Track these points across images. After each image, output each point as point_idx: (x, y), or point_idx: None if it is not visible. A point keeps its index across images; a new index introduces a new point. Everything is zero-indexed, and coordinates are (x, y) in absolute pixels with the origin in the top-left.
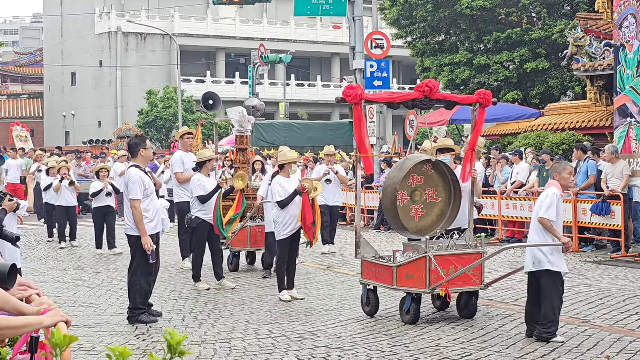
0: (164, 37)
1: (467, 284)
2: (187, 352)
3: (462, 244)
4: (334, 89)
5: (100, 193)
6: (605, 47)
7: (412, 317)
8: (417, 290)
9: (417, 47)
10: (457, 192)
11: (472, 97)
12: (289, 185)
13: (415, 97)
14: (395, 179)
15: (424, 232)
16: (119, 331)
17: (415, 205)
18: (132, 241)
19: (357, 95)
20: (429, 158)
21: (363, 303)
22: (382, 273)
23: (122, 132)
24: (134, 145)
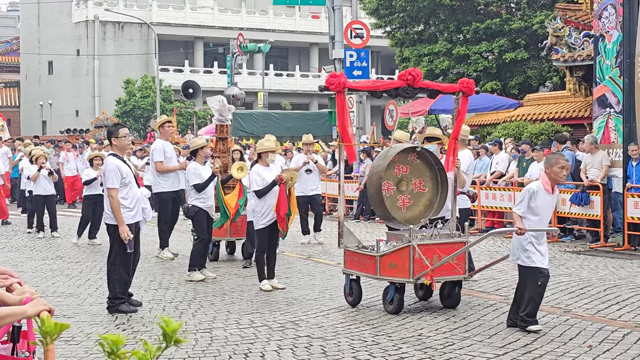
0: (142, 25)
1: (451, 274)
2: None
3: (445, 233)
4: (313, 78)
5: (93, 181)
6: (584, 38)
7: (395, 306)
8: (401, 279)
9: (396, 37)
10: (444, 180)
11: (455, 85)
12: (267, 174)
13: (398, 85)
14: (379, 167)
15: (412, 222)
16: (98, 321)
17: (402, 196)
18: (111, 230)
19: (340, 83)
20: (413, 146)
21: (346, 293)
22: (365, 263)
23: (100, 122)
24: (108, 133)
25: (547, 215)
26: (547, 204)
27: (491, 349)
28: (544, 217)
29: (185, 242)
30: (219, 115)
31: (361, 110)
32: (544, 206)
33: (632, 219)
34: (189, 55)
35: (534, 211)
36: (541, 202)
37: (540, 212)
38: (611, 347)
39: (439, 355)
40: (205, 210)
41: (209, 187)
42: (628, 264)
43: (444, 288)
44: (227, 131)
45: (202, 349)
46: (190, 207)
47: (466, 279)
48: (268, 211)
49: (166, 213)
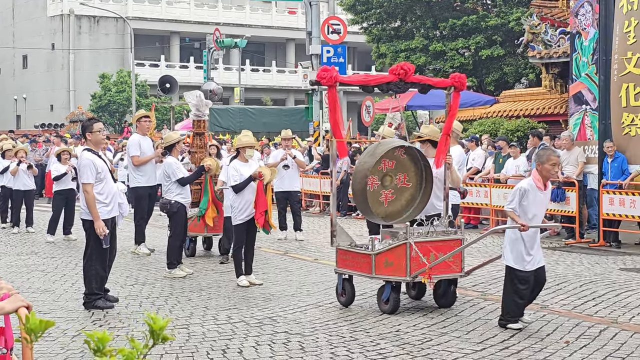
0: (117, 20)
1: (447, 272)
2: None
3: (441, 230)
4: (289, 74)
5: (63, 176)
6: (560, 35)
7: (391, 306)
8: (397, 278)
9: (373, 33)
10: (429, 178)
11: (446, 80)
12: (245, 169)
13: (390, 80)
14: (366, 164)
15: (393, 217)
16: (74, 317)
17: (385, 190)
18: (87, 226)
19: (331, 77)
20: (402, 143)
21: (338, 293)
22: (359, 261)
23: (75, 116)
24: (82, 128)
25: (541, 213)
26: (539, 202)
27: (469, 344)
28: (537, 215)
29: (161, 237)
30: (196, 110)
31: None
32: (536, 204)
33: (607, 216)
34: (165, 50)
35: (526, 209)
36: (533, 199)
37: (533, 210)
38: (588, 342)
39: (416, 351)
40: (185, 206)
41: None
42: (603, 260)
43: (439, 287)
44: (204, 126)
45: (180, 345)
46: (172, 202)
47: (462, 276)
48: (246, 207)
49: (142, 208)
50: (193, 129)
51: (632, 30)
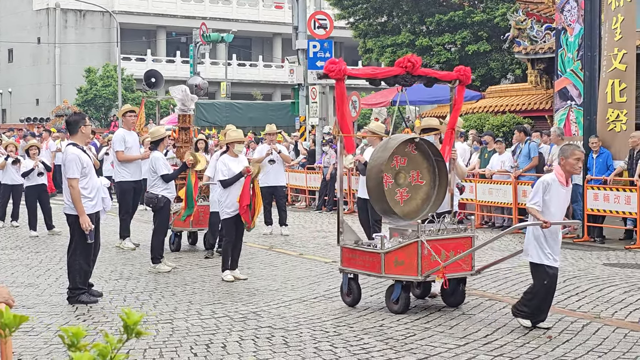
0: (104, 14)
1: (458, 270)
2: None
3: (452, 227)
4: (276, 69)
5: (31, 172)
6: (546, 30)
7: (401, 306)
8: (408, 277)
9: (359, 28)
10: (443, 173)
11: (452, 73)
12: (235, 164)
13: (397, 73)
14: (380, 160)
15: (410, 216)
16: (58, 311)
17: (400, 189)
18: (71, 220)
19: (340, 70)
20: (412, 137)
21: (343, 293)
22: (367, 260)
23: (61, 110)
24: (73, 122)
25: (562, 209)
26: (561, 197)
27: (452, 339)
28: (558, 211)
29: (145, 232)
30: (181, 105)
31: (324, 101)
32: (558, 199)
33: (592, 211)
34: (151, 44)
35: (548, 204)
36: (555, 195)
37: (554, 206)
38: (570, 337)
39: (400, 345)
40: (170, 201)
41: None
42: (587, 255)
43: (447, 285)
44: (189, 121)
45: (164, 339)
46: (159, 197)
47: (473, 275)
48: (234, 201)
49: (127, 203)
50: (178, 123)
51: (619, 27)
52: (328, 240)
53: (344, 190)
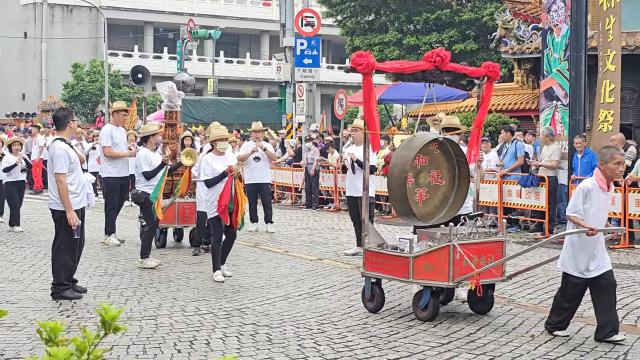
0: (91, 9)
1: (489, 276)
2: (123, 328)
3: (483, 231)
4: (263, 66)
5: (13, 168)
6: (533, 31)
7: (430, 313)
8: (439, 283)
9: (347, 26)
10: (463, 174)
11: (480, 69)
12: (218, 163)
13: (425, 67)
14: (404, 158)
15: (427, 218)
16: (42, 307)
17: (420, 189)
18: (57, 216)
19: (368, 64)
20: (436, 136)
21: (365, 298)
22: (394, 264)
23: (47, 105)
24: (62, 117)
25: (603, 215)
26: (602, 203)
27: (435, 338)
28: (598, 217)
29: (131, 228)
30: (168, 101)
31: (311, 99)
32: (599, 205)
33: None
34: (138, 40)
35: (588, 211)
36: (596, 200)
37: (595, 212)
38: (553, 337)
39: (383, 343)
40: None
41: (159, 174)
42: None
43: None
44: (176, 117)
45: (147, 336)
46: (140, 193)
47: (503, 281)
48: None
49: (113, 199)
50: (165, 119)
51: (612, 28)
52: (313, 237)
53: (329, 188)
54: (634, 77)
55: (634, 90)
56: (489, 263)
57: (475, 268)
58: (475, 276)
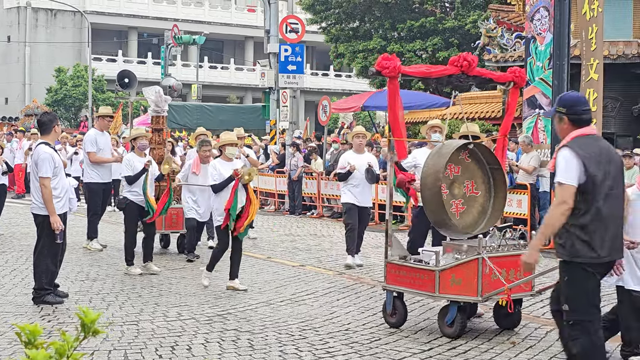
0: (75, 13)
1: (517, 291)
2: (101, 331)
3: (512, 243)
4: (247, 72)
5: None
6: (516, 39)
7: (456, 329)
8: (467, 298)
9: (331, 33)
10: (499, 182)
11: (507, 75)
12: (227, 169)
13: (452, 72)
14: (436, 166)
15: (468, 230)
16: (23, 311)
17: (455, 200)
18: (39, 220)
19: (395, 67)
20: (466, 143)
21: (386, 313)
22: (419, 278)
23: (30, 110)
24: (47, 121)
25: None
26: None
27: (417, 344)
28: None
29: (114, 233)
30: (155, 106)
31: (295, 105)
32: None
33: None
34: (122, 45)
35: (632, 222)
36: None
37: (638, 222)
38: (534, 343)
39: (365, 350)
40: (137, 204)
41: (141, 180)
42: (553, 263)
43: (501, 306)
44: (163, 122)
45: (129, 341)
46: (121, 199)
47: (533, 295)
48: None
49: (95, 204)
50: (152, 124)
51: (595, 37)
52: (296, 244)
53: (313, 195)
54: (616, 86)
55: (615, 99)
56: (518, 277)
57: (505, 282)
58: (506, 291)
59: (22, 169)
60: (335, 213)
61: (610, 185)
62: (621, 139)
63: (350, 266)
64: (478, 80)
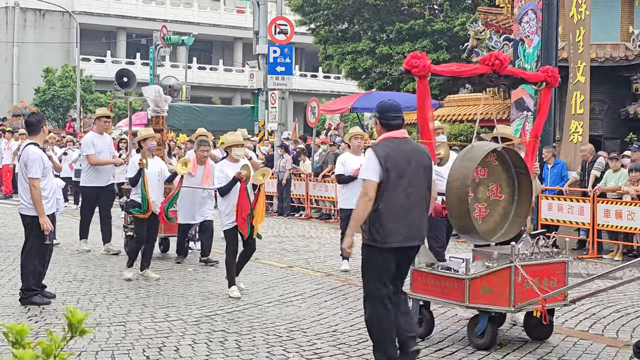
0: (64, 14)
1: (550, 301)
2: (88, 331)
3: (545, 250)
4: (236, 73)
5: None
6: (505, 41)
7: (487, 340)
8: (499, 308)
9: (320, 35)
10: (524, 187)
11: (539, 74)
12: (233, 170)
13: (483, 71)
14: (465, 170)
15: (487, 235)
16: (10, 312)
17: (479, 204)
18: (28, 221)
19: (425, 66)
20: (497, 146)
21: None
22: (447, 286)
23: (18, 110)
24: (35, 122)
25: None
26: None
27: None
28: None
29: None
30: (154, 105)
31: (283, 107)
32: None
33: (546, 221)
34: (111, 45)
35: None
36: None
37: None
38: (521, 345)
39: (352, 351)
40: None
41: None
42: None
43: (532, 317)
44: (162, 123)
45: (116, 342)
46: (128, 201)
47: (566, 305)
48: (233, 211)
49: (88, 207)
50: (152, 125)
51: (582, 40)
52: (284, 245)
53: (301, 196)
54: (603, 89)
55: (603, 101)
56: (551, 285)
57: (539, 292)
58: (541, 302)
59: (9, 170)
60: (323, 214)
61: (407, 182)
62: (608, 141)
63: (347, 271)
64: (510, 80)
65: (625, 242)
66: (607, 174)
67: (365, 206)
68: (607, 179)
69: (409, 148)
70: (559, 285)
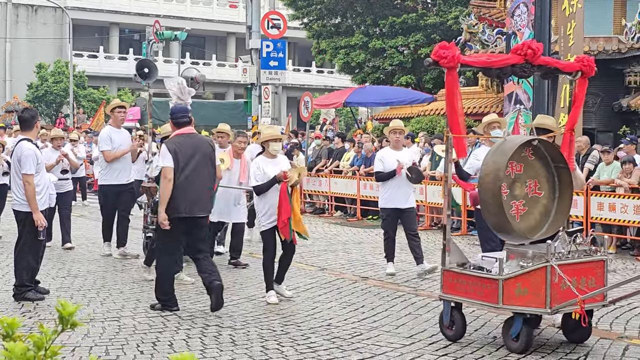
0: (56, 9)
1: (589, 301)
2: (80, 324)
3: (583, 249)
4: (229, 68)
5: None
6: (497, 35)
7: (523, 343)
8: (534, 310)
9: (313, 29)
10: (564, 183)
11: (574, 64)
12: (271, 167)
13: (515, 61)
14: (496, 164)
15: (527, 234)
16: (4, 308)
17: (516, 201)
18: (21, 217)
19: (453, 57)
20: (530, 139)
21: (443, 325)
22: (480, 287)
23: (10, 106)
24: (29, 118)
25: None
26: None
27: (398, 339)
28: None
29: (93, 230)
30: (177, 99)
31: (277, 101)
32: None
33: None
34: (104, 41)
35: None
36: None
37: None
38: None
39: (347, 345)
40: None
41: None
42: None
43: (570, 319)
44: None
45: (110, 337)
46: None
47: (605, 306)
48: (272, 211)
49: (108, 206)
50: None
51: (572, 33)
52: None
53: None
54: (596, 82)
55: (596, 95)
56: (589, 285)
57: (577, 292)
58: (579, 303)
59: None
60: (317, 209)
61: (192, 166)
62: (602, 134)
63: (392, 274)
64: (543, 69)
65: (619, 235)
66: (600, 167)
67: (168, 186)
68: (600, 171)
69: (196, 140)
70: (597, 285)
